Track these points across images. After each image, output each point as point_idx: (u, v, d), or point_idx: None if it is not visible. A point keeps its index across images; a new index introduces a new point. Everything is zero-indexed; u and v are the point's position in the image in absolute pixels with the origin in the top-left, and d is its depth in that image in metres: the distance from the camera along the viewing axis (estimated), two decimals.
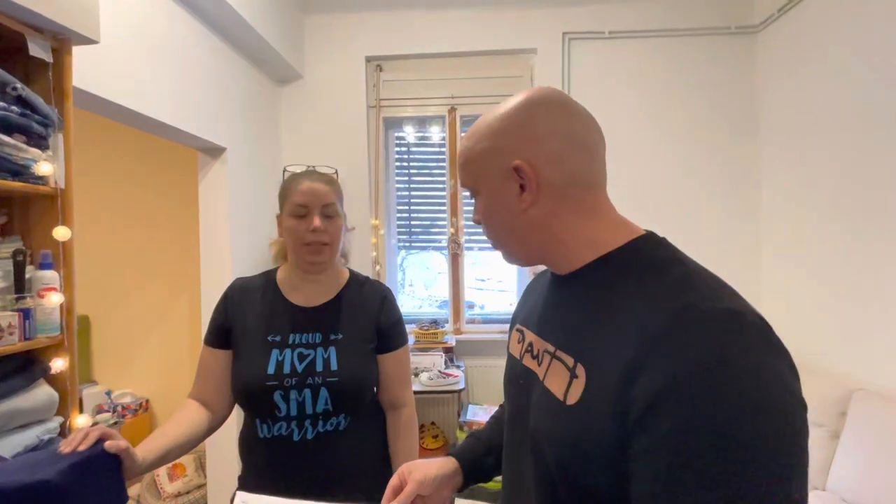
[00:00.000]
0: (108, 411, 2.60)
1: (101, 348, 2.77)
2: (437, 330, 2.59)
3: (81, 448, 0.70)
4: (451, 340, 2.58)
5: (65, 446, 0.71)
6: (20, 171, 0.93)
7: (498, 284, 2.92)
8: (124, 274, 2.71)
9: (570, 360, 0.47)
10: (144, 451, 0.78)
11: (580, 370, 0.45)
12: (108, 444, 0.72)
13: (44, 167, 0.96)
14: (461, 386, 2.29)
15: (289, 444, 0.89)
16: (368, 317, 0.98)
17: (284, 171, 0.99)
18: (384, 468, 0.98)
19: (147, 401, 2.72)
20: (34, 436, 0.91)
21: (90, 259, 2.64)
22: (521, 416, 0.55)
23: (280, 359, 0.89)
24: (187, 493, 2.33)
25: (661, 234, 0.52)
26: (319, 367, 0.89)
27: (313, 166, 0.96)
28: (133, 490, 2.48)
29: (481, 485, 2.00)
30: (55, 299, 0.96)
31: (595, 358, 0.44)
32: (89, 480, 0.68)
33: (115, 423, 2.55)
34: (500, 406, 0.78)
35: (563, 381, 0.47)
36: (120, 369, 2.75)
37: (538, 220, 0.51)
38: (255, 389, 0.88)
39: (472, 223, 2.74)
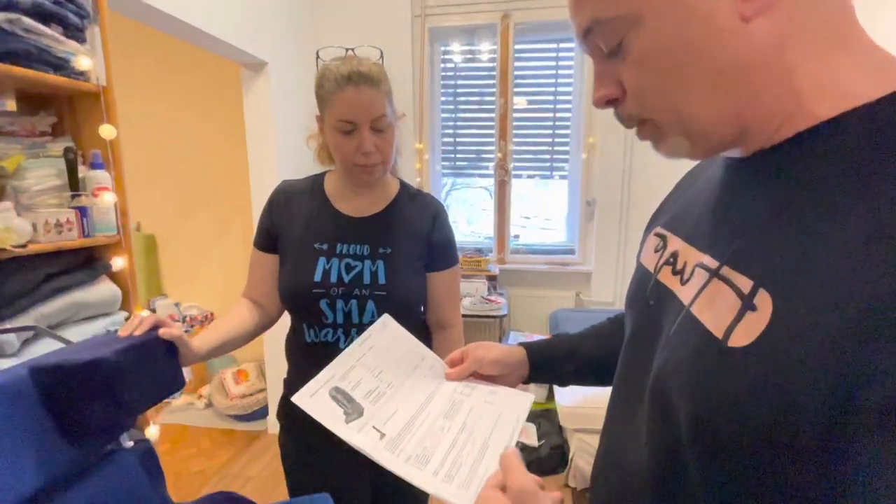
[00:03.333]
0: (178, 321, 2.86)
1: (168, 265, 2.99)
2: (481, 258, 2.55)
3: (137, 333, 0.73)
4: (495, 269, 2.54)
5: (122, 332, 0.74)
6: (61, 65, 0.92)
7: (545, 222, 2.80)
8: (182, 195, 2.82)
9: (745, 283, 0.32)
10: (200, 341, 0.81)
11: (763, 299, 0.30)
12: (161, 332, 0.74)
13: (83, 62, 0.94)
14: (504, 312, 2.27)
15: (335, 351, 0.87)
16: (419, 233, 0.92)
17: (318, 56, 0.88)
18: None
19: (212, 313, 2.94)
20: (101, 327, 0.98)
21: (150, 181, 2.77)
22: (642, 348, 0.43)
23: (327, 267, 0.87)
24: (250, 395, 2.57)
25: None
26: (367, 280, 0.87)
27: (352, 49, 0.84)
28: (204, 390, 2.77)
29: None
30: (108, 198, 0.98)
31: (798, 283, 0.29)
32: (145, 363, 0.71)
33: (186, 331, 2.80)
34: (609, 318, 0.68)
35: (726, 310, 0.33)
36: (186, 284, 2.97)
37: (760, 45, 0.31)
38: (302, 296, 0.87)
39: (522, 147, 2.60)
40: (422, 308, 0.97)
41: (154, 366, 0.73)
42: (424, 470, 0.51)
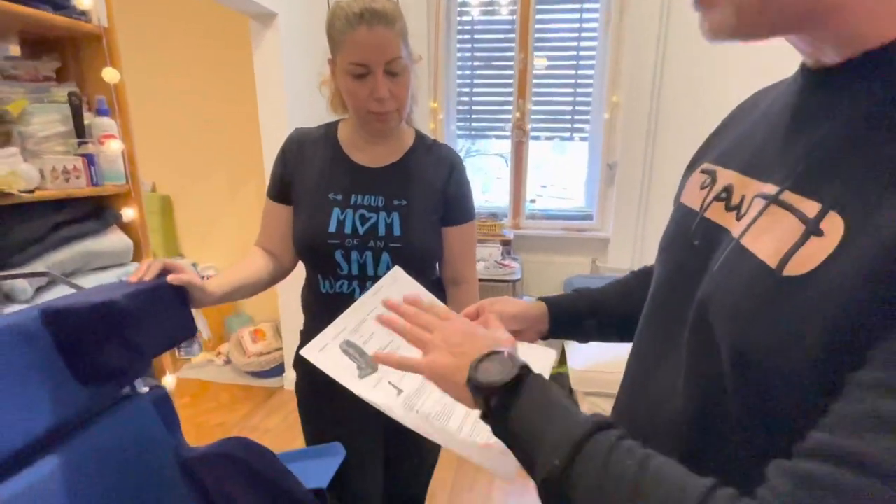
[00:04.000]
0: None
1: (184, 225, 3.02)
2: (496, 223, 2.50)
3: (147, 278, 0.73)
4: (510, 234, 2.49)
5: (132, 278, 0.73)
6: (61, 5, 0.88)
7: (562, 191, 2.71)
8: (196, 155, 2.81)
9: (810, 207, 0.29)
10: (214, 284, 0.80)
11: (833, 224, 0.28)
12: (170, 278, 0.73)
13: (84, 0, 0.90)
14: (517, 276, 2.24)
15: (350, 302, 0.87)
16: (435, 185, 0.90)
17: None
18: None
19: None
20: (114, 277, 0.98)
21: (164, 140, 2.75)
22: (681, 289, 0.40)
23: (341, 218, 0.86)
24: (267, 353, 2.63)
25: None
26: (381, 232, 0.85)
27: None
28: (223, 348, 2.85)
29: None
30: (115, 146, 0.96)
31: (882, 206, 0.26)
32: (156, 307, 0.71)
33: None
34: (632, 272, 0.66)
35: (784, 238, 0.30)
36: (203, 244, 3.01)
37: None
38: (316, 246, 0.86)
39: (541, 106, 2.49)
40: (437, 263, 0.95)
41: (164, 311, 0.72)
42: (447, 428, 0.49)
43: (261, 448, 0.83)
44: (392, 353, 0.48)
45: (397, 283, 0.67)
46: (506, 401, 0.38)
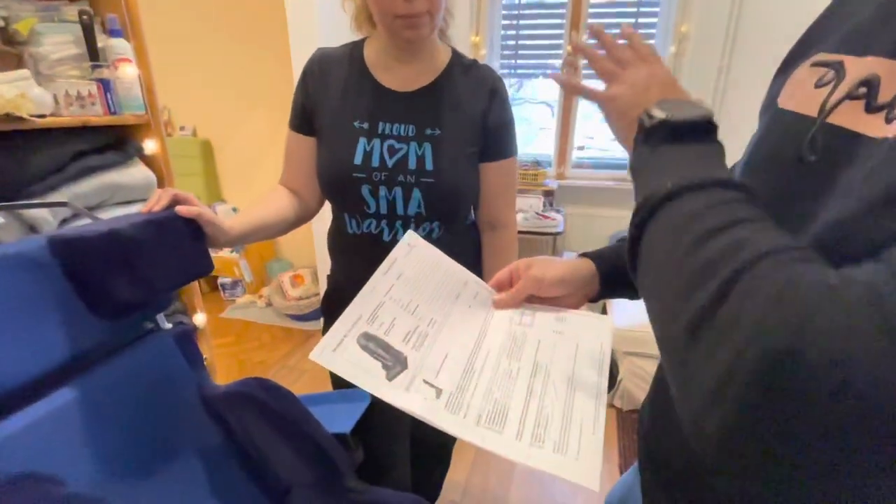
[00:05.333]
0: None
1: (225, 170, 3.05)
2: (538, 171, 2.34)
3: (157, 209, 0.68)
4: (553, 184, 2.33)
5: (144, 209, 0.70)
6: None
7: (611, 144, 2.47)
8: (235, 101, 2.78)
9: None
10: (232, 222, 0.75)
11: None
12: (178, 209, 0.68)
13: None
14: (559, 229, 2.11)
15: (378, 243, 0.81)
16: (474, 112, 0.79)
17: None
18: None
19: None
20: (136, 211, 0.96)
21: (201, 85, 2.73)
22: (786, 214, 0.31)
23: (368, 149, 0.77)
24: (307, 298, 2.70)
25: None
26: (412, 165, 0.76)
27: None
28: (265, 291, 2.95)
29: None
30: (130, 71, 0.90)
31: None
32: (165, 239, 0.67)
33: None
34: None
35: None
36: (244, 189, 3.05)
37: None
38: (342, 181, 0.78)
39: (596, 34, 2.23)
40: (472, 204, 0.85)
41: (176, 243, 0.68)
42: (504, 433, 0.40)
43: (281, 389, 0.81)
44: (576, 86, 0.46)
45: (414, 252, 0.56)
46: (666, 135, 0.35)
